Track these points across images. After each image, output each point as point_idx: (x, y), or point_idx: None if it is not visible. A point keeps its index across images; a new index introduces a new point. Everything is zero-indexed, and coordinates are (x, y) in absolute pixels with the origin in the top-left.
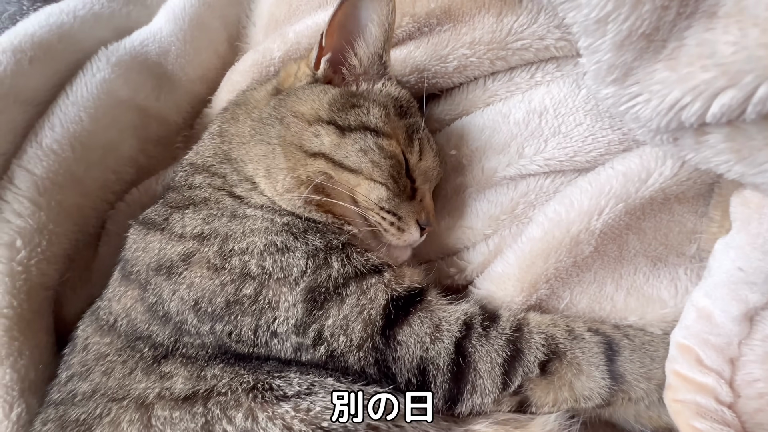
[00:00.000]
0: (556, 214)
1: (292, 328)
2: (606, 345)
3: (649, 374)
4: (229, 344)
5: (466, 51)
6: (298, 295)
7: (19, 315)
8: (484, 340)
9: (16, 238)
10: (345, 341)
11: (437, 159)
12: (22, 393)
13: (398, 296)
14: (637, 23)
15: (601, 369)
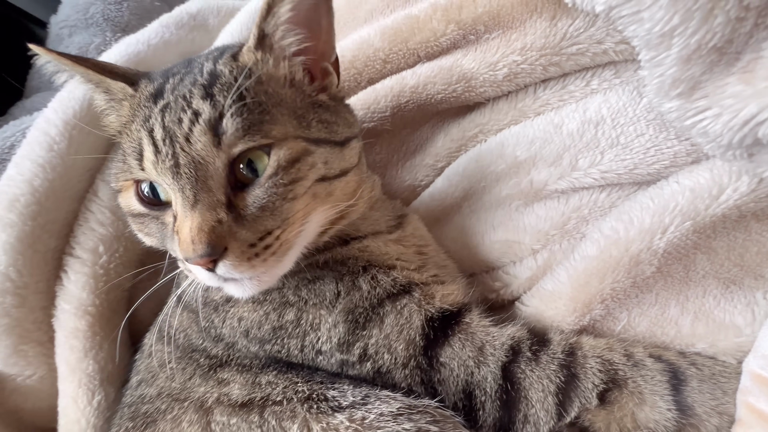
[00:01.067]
0: (613, 231)
1: (335, 346)
2: (671, 373)
3: (721, 408)
4: (279, 357)
5: (516, 57)
6: (338, 316)
7: (100, 313)
8: (534, 364)
9: (99, 245)
10: (390, 359)
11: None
12: (101, 382)
13: (432, 317)
14: (708, 36)
15: (666, 399)
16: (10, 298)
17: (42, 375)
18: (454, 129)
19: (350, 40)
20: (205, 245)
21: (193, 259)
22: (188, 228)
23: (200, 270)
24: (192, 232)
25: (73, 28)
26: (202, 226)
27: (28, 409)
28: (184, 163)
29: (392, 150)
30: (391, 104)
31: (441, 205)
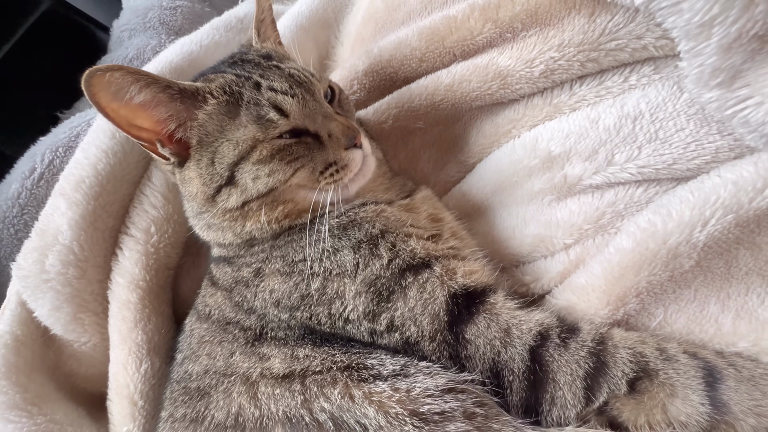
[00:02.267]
0: (650, 224)
1: (362, 315)
2: (706, 371)
3: (761, 410)
4: (311, 326)
5: (554, 54)
6: (360, 286)
7: (150, 287)
8: (563, 350)
9: (151, 225)
10: (417, 331)
11: (298, 87)
12: (148, 352)
13: (455, 293)
14: (749, 25)
15: (699, 393)
16: (72, 269)
17: (95, 343)
18: (486, 125)
19: (388, 41)
20: (354, 128)
21: (354, 138)
22: (341, 121)
23: (356, 152)
24: (345, 122)
25: (132, 32)
26: (346, 119)
27: (81, 374)
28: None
29: (423, 147)
30: (425, 103)
31: (472, 199)
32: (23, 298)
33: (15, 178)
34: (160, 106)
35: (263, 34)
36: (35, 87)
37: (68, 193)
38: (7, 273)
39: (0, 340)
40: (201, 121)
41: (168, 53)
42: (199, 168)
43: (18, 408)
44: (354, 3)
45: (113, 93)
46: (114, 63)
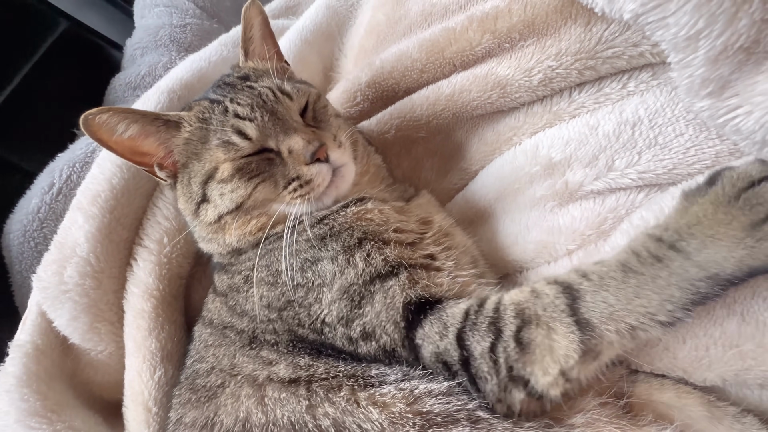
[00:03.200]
0: (643, 221)
1: (336, 320)
2: (566, 294)
3: (617, 315)
4: (295, 330)
5: (552, 63)
6: (336, 293)
7: (163, 296)
8: (475, 329)
9: (163, 236)
10: (388, 339)
11: (259, 110)
12: (162, 360)
13: (410, 301)
14: (733, 38)
15: (566, 322)
16: (89, 280)
17: (111, 351)
18: (488, 133)
19: (389, 53)
20: (316, 140)
21: (314, 153)
22: (301, 136)
23: (321, 166)
24: (306, 137)
25: (144, 49)
26: (309, 133)
27: (97, 382)
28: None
29: (426, 155)
30: (427, 112)
31: (475, 206)
32: (43, 308)
33: (35, 193)
34: (150, 137)
35: (251, 52)
36: (54, 104)
37: (85, 207)
38: (28, 284)
39: (21, 349)
40: (181, 146)
41: (178, 70)
42: (182, 187)
43: (38, 415)
44: (356, 16)
45: (107, 131)
46: (129, 82)
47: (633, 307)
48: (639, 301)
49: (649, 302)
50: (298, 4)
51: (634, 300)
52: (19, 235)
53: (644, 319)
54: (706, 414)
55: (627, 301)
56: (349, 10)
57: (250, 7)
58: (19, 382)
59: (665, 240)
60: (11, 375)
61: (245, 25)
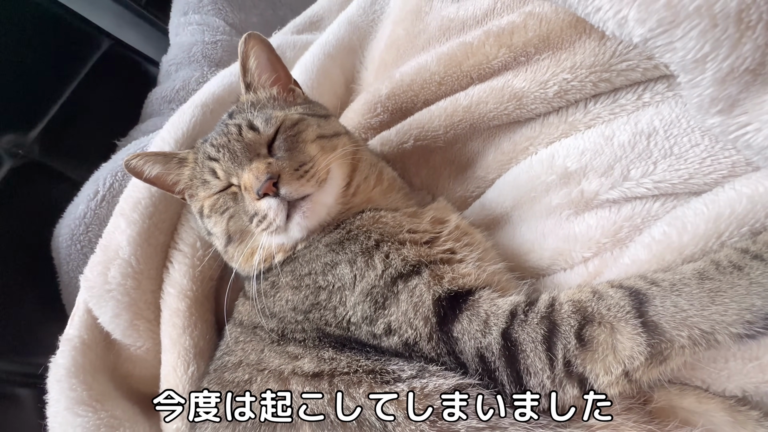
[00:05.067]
0: (665, 236)
1: (361, 319)
2: (632, 297)
3: (691, 321)
4: (323, 328)
5: (566, 75)
6: (358, 296)
7: (196, 297)
8: (525, 324)
9: (196, 240)
10: (414, 333)
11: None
12: (194, 356)
13: (440, 297)
14: (738, 61)
15: (632, 323)
16: (130, 281)
17: (148, 347)
18: (504, 143)
19: (409, 66)
20: (265, 173)
21: (261, 188)
22: (249, 172)
23: (270, 201)
24: (253, 172)
25: (179, 65)
26: (258, 167)
27: (135, 375)
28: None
29: (444, 164)
30: (445, 123)
31: (491, 214)
32: (89, 306)
33: (81, 200)
34: (170, 173)
35: (257, 82)
36: (97, 118)
37: (127, 212)
38: (74, 284)
39: (70, 342)
40: (188, 182)
41: (210, 85)
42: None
43: (85, 404)
44: (377, 31)
45: (139, 171)
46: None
47: (708, 314)
48: (715, 308)
49: (725, 309)
50: (321, 20)
51: (710, 307)
52: (66, 238)
53: (719, 327)
54: (728, 419)
55: (702, 307)
56: (370, 25)
57: (245, 41)
58: (68, 372)
59: (750, 251)
60: (61, 366)
61: (242, 60)
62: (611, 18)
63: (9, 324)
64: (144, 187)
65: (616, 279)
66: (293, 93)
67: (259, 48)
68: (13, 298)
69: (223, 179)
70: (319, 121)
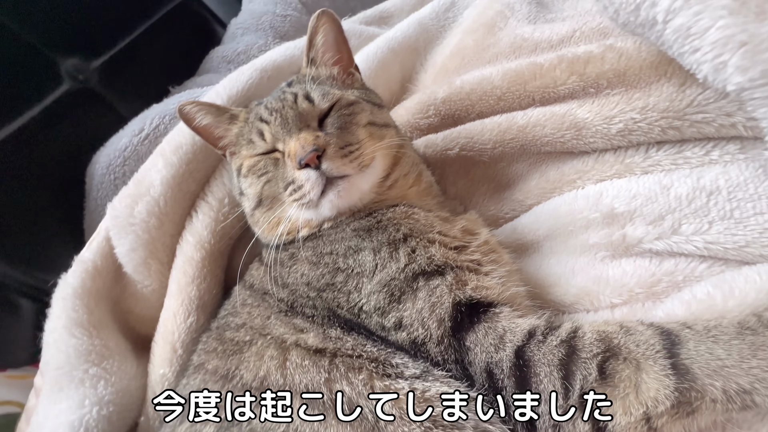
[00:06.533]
0: (708, 297)
1: (373, 309)
2: (664, 337)
3: (727, 372)
4: (334, 309)
5: (635, 115)
6: (375, 285)
7: (212, 250)
8: (542, 344)
9: (225, 197)
10: (425, 333)
11: (275, 113)
12: (197, 308)
13: (460, 302)
14: None
15: (661, 363)
16: (154, 219)
17: (155, 288)
18: (551, 171)
19: (471, 75)
20: (311, 144)
21: (304, 158)
22: (297, 140)
23: (309, 172)
24: (300, 141)
25: (245, 30)
26: (307, 137)
27: (135, 313)
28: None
29: (483, 180)
30: (496, 138)
31: (522, 239)
32: (110, 234)
33: (126, 134)
34: (219, 126)
35: (320, 59)
36: (158, 62)
37: (167, 154)
38: (99, 211)
39: (83, 265)
40: (234, 138)
41: (273, 53)
42: (233, 176)
43: (82, 327)
44: (445, 37)
45: (191, 118)
46: (225, 56)
47: (748, 368)
48: (756, 362)
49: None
50: (390, 16)
51: (751, 360)
52: (103, 166)
53: (761, 386)
54: None
55: (741, 359)
56: (439, 30)
57: (318, 16)
58: (75, 293)
59: None
60: (69, 285)
61: (310, 34)
62: (708, 61)
63: (30, 237)
64: (189, 134)
65: (647, 319)
66: (352, 77)
67: (329, 26)
68: (39, 214)
69: (269, 142)
70: (373, 109)
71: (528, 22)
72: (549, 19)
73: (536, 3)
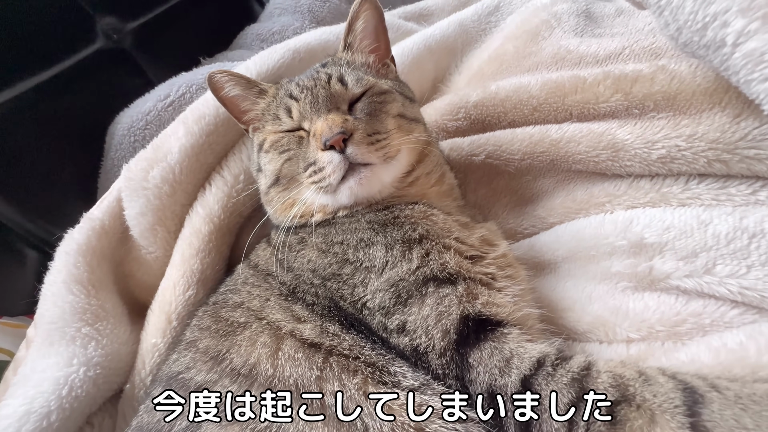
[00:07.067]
0: (741, 348)
1: (377, 307)
2: (686, 393)
3: None
4: (336, 300)
5: (681, 143)
6: (383, 284)
7: (220, 225)
8: (550, 378)
9: (241, 173)
10: (428, 343)
11: (306, 91)
12: (197, 281)
13: (468, 315)
14: None
15: (679, 420)
16: (167, 187)
17: (158, 256)
18: (579, 191)
19: (508, 82)
20: (339, 126)
21: (330, 139)
22: (325, 121)
23: (333, 155)
24: (328, 122)
25: (283, 11)
26: (335, 118)
27: (136, 278)
28: (321, 96)
29: (506, 191)
30: (525, 149)
31: (539, 257)
32: (122, 195)
33: (151, 98)
34: (246, 100)
35: (357, 45)
36: (193, 32)
37: (189, 122)
38: (114, 171)
39: (91, 222)
40: (260, 113)
41: (308, 36)
42: (253, 151)
43: (82, 284)
44: (484, 41)
45: (219, 87)
46: (259, 33)
47: None
48: None
49: None
50: (431, 15)
51: None
52: (125, 127)
53: None
54: None
55: None
56: (479, 33)
57: (361, 2)
58: (79, 249)
59: None
60: (75, 241)
61: (351, 18)
62: None
63: (44, 187)
64: (213, 105)
65: (669, 368)
66: (387, 67)
67: (371, 13)
68: (56, 166)
69: (296, 120)
70: (404, 101)
71: (575, 34)
72: (597, 34)
73: (585, 16)
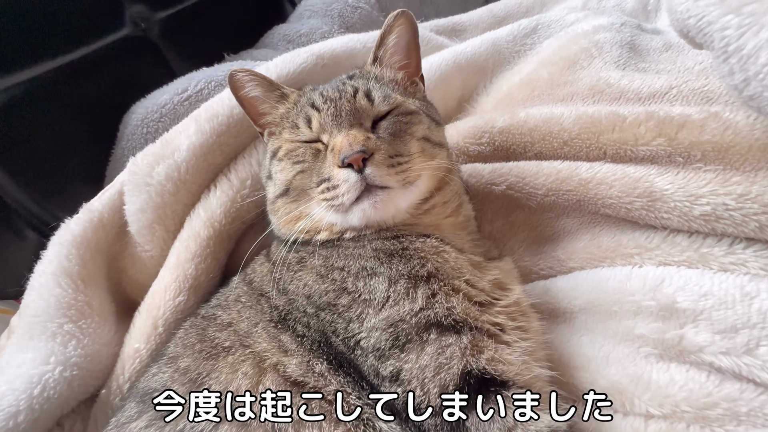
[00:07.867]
0: None
1: (371, 348)
2: None
3: None
4: (328, 335)
5: (729, 201)
6: (381, 321)
7: (221, 230)
8: None
9: (249, 178)
10: (421, 397)
11: (329, 103)
12: (189, 287)
13: (470, 371)
14: None
15: None
16: (171, 185)
17: (153, 255)
18: (606, 237)
19: (539, 110)
20: (360, 144)
21: (349, 156)
22: (345, 136)
23: (350, 173)
24: (349, 138)
25: (313, 13)
26: (357, 135)
27: (129, 275)
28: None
29: (525, 226)
30: (550, 185)
31: (554, 304)
32: (124, 189)
33: (168, 90)
34: (266, 102)
35: (387, 60)
36: (220, 27)
37: (201, 120)
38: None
39: (90, 214)
40: (279, 119)
41: (334, 42)
42: (265, 157)
43: (71, 278)
44: (517, 63)
45: (240, 86)
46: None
47: None
48: None
49: None
50: (464, 30)
51: None
52: (139, 117)
53: None
54: None
55: None
56: (512, 55)
57: (397, 16)
58: (74, 240)
59: None
60: (70, 232)
61: (384, 32)
62: None
63: (53, 170)
64: (228, 105)
65: None
66: (415, 86)
67: (404, 28)
68: (68, 149)
69: (315, 131)
70: (431, 124)
71: (616, 66)
72: (641, 69)
73: (629, 48)
